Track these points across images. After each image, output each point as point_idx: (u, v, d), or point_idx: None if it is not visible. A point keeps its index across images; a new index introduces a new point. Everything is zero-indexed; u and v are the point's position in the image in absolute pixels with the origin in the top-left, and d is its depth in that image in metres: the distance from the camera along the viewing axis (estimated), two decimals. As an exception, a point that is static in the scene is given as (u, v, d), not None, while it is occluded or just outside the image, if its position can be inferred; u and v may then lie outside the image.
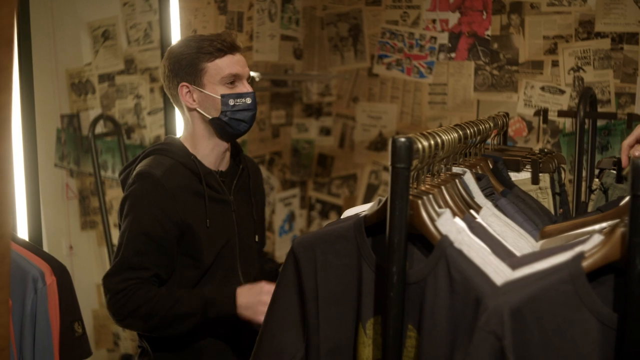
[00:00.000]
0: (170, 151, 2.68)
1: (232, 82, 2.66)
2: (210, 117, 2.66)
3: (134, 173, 2.63)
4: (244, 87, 2.68)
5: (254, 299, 2.58)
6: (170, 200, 2.57)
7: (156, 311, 2.53)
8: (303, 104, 5.34)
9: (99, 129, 4.13)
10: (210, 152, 2.72)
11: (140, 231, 2.55)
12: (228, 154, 2.78)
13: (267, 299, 2.18)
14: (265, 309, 2.00)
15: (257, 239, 2.86)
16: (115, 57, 4.17)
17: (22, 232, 2.79)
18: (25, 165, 2.82)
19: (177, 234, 2.59)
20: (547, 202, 2.58)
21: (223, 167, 2.76)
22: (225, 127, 2.67)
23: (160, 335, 2.63)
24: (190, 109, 2.69)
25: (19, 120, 2.81)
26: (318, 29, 5.28)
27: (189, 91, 2.66)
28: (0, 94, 1.21)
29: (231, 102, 2.64)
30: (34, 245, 2.56)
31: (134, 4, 4.17)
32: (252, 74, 4.58)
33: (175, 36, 3.80)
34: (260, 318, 2.43)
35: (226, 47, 2.65)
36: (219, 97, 2.64)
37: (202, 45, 2.63)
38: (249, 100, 2.68)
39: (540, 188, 2.58)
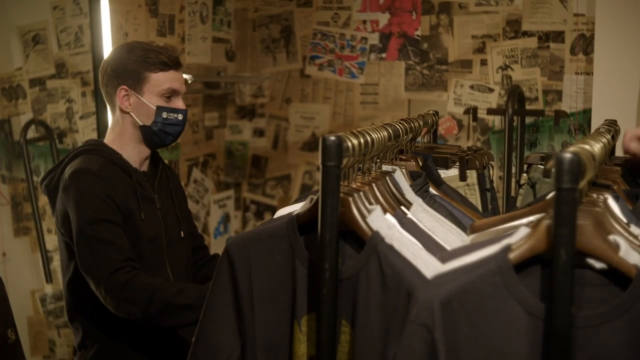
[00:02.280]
0: (98, 150, 2.70)
1: (169, 96, 2.71)
2: (141, 124, 2.71)
3: (68, 174, 2.61)
4: (179, 104, 2.74)
5: None
6: (110, 188, 2.58)
7: (160, 299, 2.50)
8: (236, 106, 5.34)
9: (31, 134, 4.10)
10: (136, 155, 2.76)
11: (95, 217, 2.54)
12: (148, 160, 2.82)
13: None
14: None
15: (182, 235, 2.86)
16: (46, 61, 4.14)
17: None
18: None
19: (122, 219, 2.60)
20: (475, 198, 2.63)
21: (144, 168, 2.80)
22: (153, 136, 2.72)
23: (161, 325, 2.59)
24: (123, 112, 2.72)
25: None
26: (250, 31, 5.29)
27: (127, 95, 2.69)
28: None
29: (164, 114, 2.69)
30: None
31: (65, 7, 4.14)
32: (185, 76, 4.56)
33: (106, 39, 3.78)
34: None
35: (171, 62, 2.70)
36: (154, 108, 2.69)
37: (149, 55, 2.68)
38: (180, 117, 2.74)
39: (467, 185, 2.62)
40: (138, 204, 2.67)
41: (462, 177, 2.61)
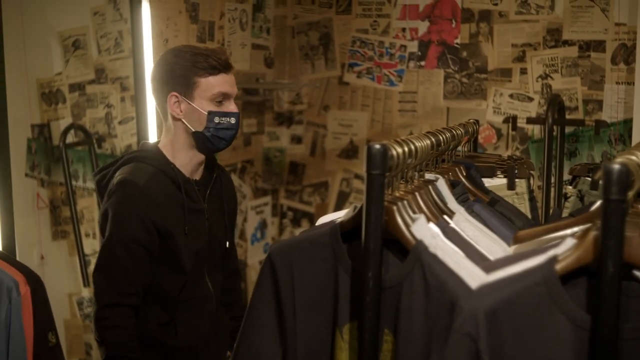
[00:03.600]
0: (150, 158, 2.69)
1: (220, 101, 2.68)
2: (193, 130, 2.68)
3: (116, 181, 2.63)
4: (231, 107, 2.71)
5: None
6: (153, 207, 2.60)
7: (121, 355, 2.61)
8: (274, 113, 5.35)
9: (70, 138, 4.12)
10: (188, 162, 2.74)
11: (127, 235, 2.58)
12: (202, 166, 2.81)
13: None
14: None
15: (227, 245, 2.88)
16: (86, 67, 4.16)
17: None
18: (-2, 174, 2.82)
19: (159, 240, 2.62)
20: (524, 207, 2.61)
21: (197, 176, 2.79)
22: (206, 142, 2.69)
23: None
24: (175, 119, 2.70)
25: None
26: (289, 38, 5.30)
27: (178, 101, 2.67)
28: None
29: (217, 119, 2.66)
30: (8, 255, 2.56)
31: (105, 13, 4.16)
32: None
33: (147, 45, 3.80)
34: None
35: (220, 66, 2.67)
36: (206, 113, 2.66)
37: (197, 60, 2.64)
38: (233, 120, 2.71)
39: (517, 193, 2.60)
40: (184, 218, 2.67)
41: (511, 185, 2.60)
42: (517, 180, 2.62)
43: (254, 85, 5.15)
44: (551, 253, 1.53)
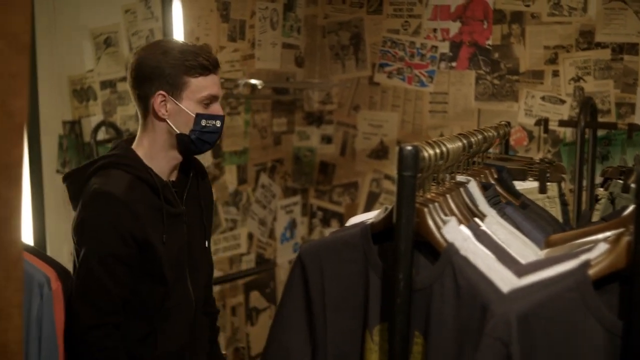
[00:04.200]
0: (127, 165, 2.52)
1: (208, 103, 2.56)
2: (178, 132, 2.55)
3: (92, 191, 2.46)
4: (218, 109, 2.59)
5: None
6: (132, 219, 2.44)
7: None
8: (304, 112, 5.35)
9: (101, 135, 4.13)
10: (166, 164, 2.60)
11: (105, 251, 2.43)
12: (179, 165, 2.67)
13: None
14: None
15: (206, 244, 2.76)
16: (117, 64, 4.18)
17: (27, 237, 2.80)
18: (30, 171, 2.83)
19: (138, 253, 2.47)
20: (556, 211, 2.60)
21: (174, 177, 2.65)
22: (190, 144, 2.57)
23: None
24: (159, 119, 2.54)
25: (24, 126, 2.82)
26: (319, 37, 5.30)
27: (164, 101, 2.52)
28: (15, 100, 1.22)
29: (203, 122, 2.55)
30: (39, 250, 2.56)
31: (136, 11, 4.18)
32: (254, 81, 4.60)
33: (179, 44, 3.81)
34: None
35: (211, 65, 2.56)
36: (193, 115, 2.53)
37: (187, 58, 2.51)
38: (218, 124, 2.59)
39: (548, 197, 2.59)
40: (163, 225, 2.53)
41: (543, 189, 2.58)
42: (548, 183, 2.60)
43: (284, 84, 5.16)
44: (584, 258, 1.53)
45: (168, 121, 2.53)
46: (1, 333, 1.26)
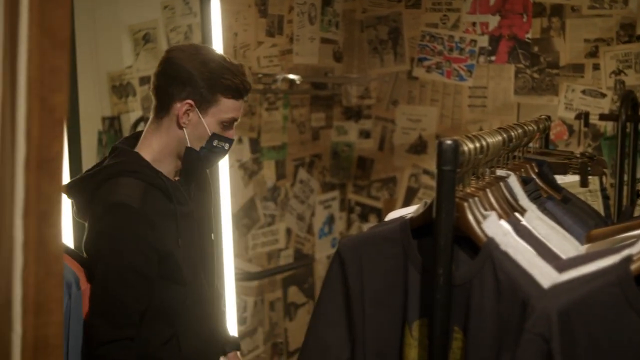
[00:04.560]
0: (137, 172, 2.45)
1: (227, 125, 2.53)
2: (188, 144, 2.51)
3: (105, 202, 2.40)
4: (231, 133, 2.56)
5: None
6: (150, 229, 2.40)
7: None
8: (342, 107, 5.34)
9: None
10: (172, 168, 2.55)
11: (124, 265, 2.39)
12: None
13: None
14: None
15: (212, 237, 2.75)
16: (156, 60, 4.15)
17: (67, 235, 2.80)
18: (70, 167, 2.84)
19: (157, 263, 2.44)
20: (597, 205, 2.57)
21: (176, 177, 2.61)
22: (195, 160, 2.54)
23: None
24: (178, 126, 2.49)
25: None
26: (357, 32, 5.29)
27: (189, 110, 2.47)
28: (55, 95, 1.23)
29: (215, 142, 2.51)
30: (73, 249, 2.54)
31: (175, 7, 4.19)
32: (292, 76, 4.60)
33: (217, 39, 3.82)
34: None
35: (245, 90, 2.52)
36: (210, 134, 2.50)
37: (226, 76, 2.47)
38: (227, 147, 2.56)
39: (590, 191, 2.57)
40: (177, 229, 2.49)
41: (584, 183, 2.56)
42: (589, 177, 2.58)
43: (322, 79, 5.16)
44: (625, 253, 1.51)
45: (185, 130, 2.49)
46: (42, 327, 1.27)
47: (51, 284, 1.27)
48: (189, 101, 2.45)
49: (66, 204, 2.78)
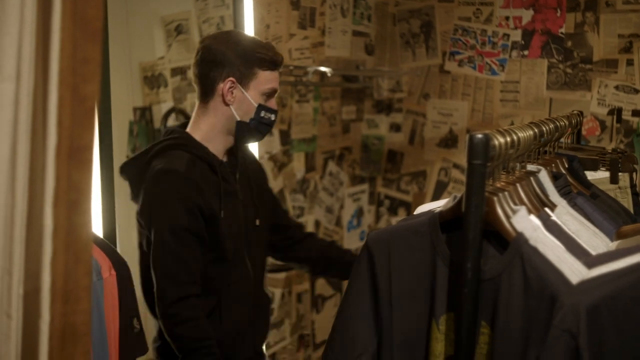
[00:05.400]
0: (185, 145, 2.68)
1: (268, 95, 2.72)
2: (238, 119, 2.71)
3: (156, 171, 2.62)
4: (274, 104, 2.76)
5: None
6: (196, 192, 2.60)
7: (201, 346, 2.59)
8: (374, 100, 5.34)
9: (171, 122, 4.17)
10: (221, 146, 2.75)
11: (176, 224, 2.58)
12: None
13: None
14: None
15: (257, 223, 2.85)
16: (188, 51, 4.21)
17: (97, 224, 2.83)
18: (101, 157, 2.86)
19: (204, 226, 2.62)
20: (627, 201, 2.56)
21: (225, 158, 2.80)
22: (246, 132, 2.73)
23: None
24: (225, 103, 2.71)
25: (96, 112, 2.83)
26: (390, 25, 5.28)
27: (232, 87, 2.68)
28: (87, 85, 1.24)
29: (262, 113, 2.70)
30: (98, 237, 2.55)
31: (207, -1, 4.21)
32: (324, 69, 4.59)
33: (249, 31, 3.82)
34: None
35: (278, 62, 2.72)
36: (256, 105, 2.69)
37: (260, 51, 2.68)
38: (273, 117, 2.75)
39: (619, 187, 2.55)
40: (220, 201, 2.67)
41: (614, 179, 2.54)
42: (620, 174, 2.57)
43: (353, 72, 5.15)
44: (656, 250, 1.50)
45: (232, 107, 2.70)
46: (70, 315, 1.28)
47: (80, 272, 1.28)
48: (231, 79, 2.67)
49: (96, 193, 2.80)
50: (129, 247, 2.88)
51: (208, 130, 2.73)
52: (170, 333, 2.61)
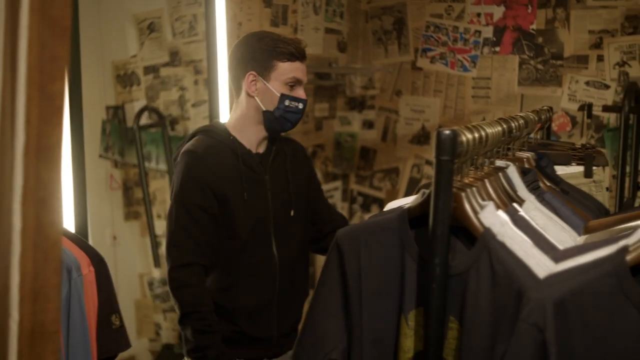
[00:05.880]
0: (212, 131, 2.93)
1: (292, 85, 2.86)
2: (264, 109, 2.87)
3: (180, 152, 2.88)
4: (301, 93, 2.88)
5: None
6: (209, 173, 2.82)
7: (195, 311, 2.78)
8: (346, 97, 5.35)
9: (144, 120, 4.16)
10: (253, 137, 2.93)
11: (187, 199, 2.80)
12: (267, 140, 2.98)
13: None
14: None
15: (292, 214, 3.00)
16: (161, 49, 4.20)
17: (69, 221, 2.83)
18: (72, 155, 2.85)
19: (217, 204, 2.82)
20: (602, 195, 2.58)
21: (261, 149, 2.97)
22: (273, 121, 2.88)
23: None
24: (249, 95, 2.88)
25: (67, 111, 2.83)
26: (362, 22, 5.29)
27: (254, 80, 2.85)
28: (54, 83, 1.24)
29: (287, 102, 2.85)
30: (76, 235, 2.54)
31: (180, -4, 4.20)
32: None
33: (221, 29, 3.82)
34: None
35: (298, 54, 2.85)
36: (279, 95, 2.84)
37: (278, 45, 2.83)
38: (300, 106, 2.89)
39: (594, 181, 2.58)
40: (241, 185, 2.85)
41: (588, 173, 2.57)
42: (594, 168, 2.59)
43: (326, 69, 5.15)
44: (622, 243, 1.51)
45: (256, 98, 2.88)
46: (40, 313, 1.28)
47: (49, 270, 1.28)
48: (252, 72, 2.85)
49: (67, 191, 2.80)
50: (102, 244, 2.89)
51: (238, 121, 2.94)
52: (172, 296, 2.81)
